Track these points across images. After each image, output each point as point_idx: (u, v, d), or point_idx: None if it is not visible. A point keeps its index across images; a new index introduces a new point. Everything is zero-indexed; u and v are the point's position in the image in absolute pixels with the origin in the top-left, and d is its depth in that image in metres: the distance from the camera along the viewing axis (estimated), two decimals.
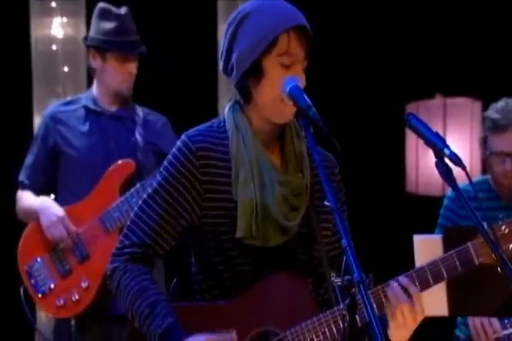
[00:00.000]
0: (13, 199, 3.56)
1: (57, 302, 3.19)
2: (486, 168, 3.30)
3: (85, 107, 3.36)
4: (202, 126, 2.04)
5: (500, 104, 3.06)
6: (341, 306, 1.83)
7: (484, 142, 3.10)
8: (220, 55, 2.02)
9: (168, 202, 1.98)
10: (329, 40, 4.41)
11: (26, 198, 3.36)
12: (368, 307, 1.59)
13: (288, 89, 1.89)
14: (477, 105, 4.19)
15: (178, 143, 2.00)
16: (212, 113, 2.09)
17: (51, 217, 3.20)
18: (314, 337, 1.91)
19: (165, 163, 2.02)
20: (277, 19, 1.92)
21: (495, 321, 2.89)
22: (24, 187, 3.39)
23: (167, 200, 1.98)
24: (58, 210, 3.22)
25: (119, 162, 3.25)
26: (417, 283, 1.93)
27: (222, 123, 2.03)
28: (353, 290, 1.63)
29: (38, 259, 3.24)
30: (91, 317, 3.18)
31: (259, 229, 1.94)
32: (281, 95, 1.92)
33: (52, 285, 3.21)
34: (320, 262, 2.00)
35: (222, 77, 4.50)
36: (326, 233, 2.01)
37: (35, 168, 3.38)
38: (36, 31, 4.40)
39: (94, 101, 3.36)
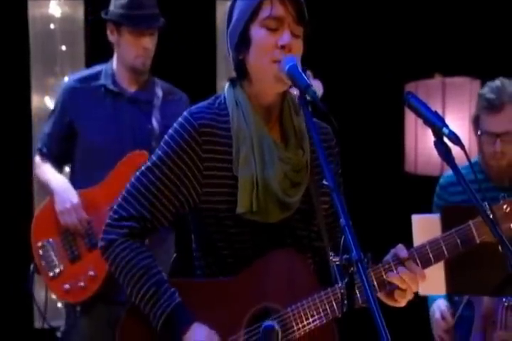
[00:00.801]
0: (19, 175, 3.60)
1: (64, 287, 3.22)
2: None
3: (104, 86, 3.33)
4: (203, 103, 2.05)
5: (496, 83, 3.02)
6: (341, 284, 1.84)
7: (476, 120, 3.08)
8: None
9: (168, 177, 1.98)
10: (329, 20, 4.41)
11: (44, 170, 3.37)
12: (366, 285, 1.59)
13: (286, 68, 1.89)
14: (476, 84, 4.16)
15: (180, 119, 2.00)
16: (210, 93, 2.10)
17: (66, 203, 3.22)
18: (315, 313, 1.93)
19: (166, 137, 2.02)
20: None
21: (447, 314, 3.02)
22: (42, 154, 3.41)
23: (167, 175, 1.98)
24: (73, 196, 3.23)
25: (133, 152, 3.23)
26: (419, 262, 1.94)
27: (222, 101, 2.04)
28: (352, 269, 1.63)
29: (50, 240, 3.26)
30: (96, 301, 3.22)
31: (260, 205, 1.95)
32: (272, 58, 1.92)
33: (61, 269, 3.24)
34: (318, 236, 2.01)
35: (220, 57, 4.49)
36: (324, 206, 2.03)
37: (52, 138, 3.39)
38: (34, 10, 4.40)
39: (113, 78, 3.34)
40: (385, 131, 4.54)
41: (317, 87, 3.37)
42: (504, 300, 2.73)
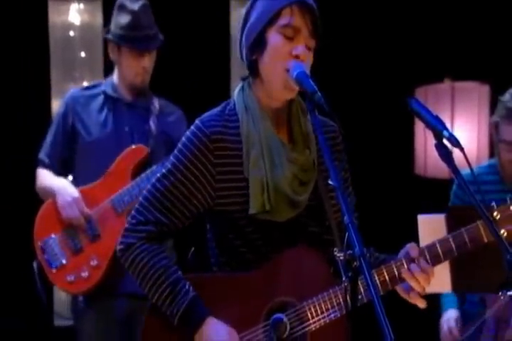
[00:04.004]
0: (32, 178, 3.65)
1: (68, 278, 3.28)
2: (493, 151, 3.34)
3: (104, 93, 3.43)
4: (214, 111, 2.12)
5: None
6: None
7: (496, 127, 3.13)
8: (238, 41, 2.11)
9: (183, 183, 2.06)
10: (340, 24, 4.42)
11: (45, 177, 3.46)
12: (369, 279, 1.65)
13: (295, 74, 1.96)
14: (484, 89, 4.20)
15: (193, 127, 2.08)
16: (224, 98, 2.16)
17: (67, 197, 3.30)
18: (330, 307, 2.01)
19: (179, 145, 2.09)
20: None
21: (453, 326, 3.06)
22: (43, 165, 3.48)
23: (181, 181, 2.06)
24: (73, 191, 3.31)
25: (133, 147, 3.33)
26: (429, 259, 2.01)
27: (232, 106, 2.11)
28: (355, 263, 1.69)
29: (53, 236, 3.33)
30: (100, 294, 3.29)
31: (272, 205, 2.02)
32: (284, 66, 1.99)
33: (63, 261, 3.30)
34: (329, 231, 2.05)
35: (234, 61, 4.56)
36: (333, 202, 2.05)
37: (54, 146, 3.46)
38: (54, 18, 4.47)
39: (114, 87, 3.44)
40: (396, 135, 4.58)
41: None
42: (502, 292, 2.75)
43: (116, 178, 3.31)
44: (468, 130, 4.15)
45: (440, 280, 2.71)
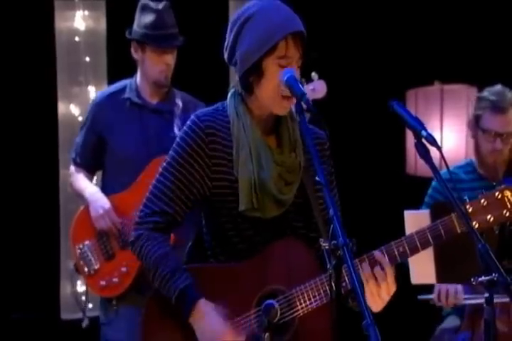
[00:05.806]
0: (38, 180, 3.77)
1: (101, 283, 3.43)
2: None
3: (129, 100, 3.51)
4: (209, 109, 2.27)
5: (496, 88, 3.22)
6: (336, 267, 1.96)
7: (477, 120, 3.25)
8: (224, 48, 2.24)
9: (181, 173, 2.20)
10: (331, 29, 4.51)
11: (78, 179, 3.59)
12: (351, 267, 1.76)
13: (285, 78, 2.10)
14: (472, 91, 4.24)
15: (188, 122, 2.23)
16: (222, 99, 2.28)
17: (99, 210, 3.43)
18: (317, 294, 2.14)
19: (177, 139, 2.24)
20: (277, 25, 2.13)
21: (460, 289, 3.06)
22: (76, 164, 3.62)
23: (180, 171, 2.20)
24: (105, 203, 3.44)
25: (157, 159, 3.35)
26: (408, 249, 2.14)
27: (225, 108, 2.25)
28: (339, 252, 1.81)
29: (87, 242, 3.48)
30: (130, 291, 3.40)
31: (259, 203, 2.17)
32: (280, 91, 2.13)
33: (96, 267, 3.45)
34: (315, 228, 2.20)
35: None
36: (320, 201, 2.19)
37: (84, 148, 3.58)
38: (60, 24, 4.56)
39: (138, 92, 3.52)
40: (388, 136, 4.63)
41: (321, 87, 3.56)
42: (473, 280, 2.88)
43: (142, 189, 3.40)
44: (456, 131, 4.25)
45: (425, 272, 2.87)
